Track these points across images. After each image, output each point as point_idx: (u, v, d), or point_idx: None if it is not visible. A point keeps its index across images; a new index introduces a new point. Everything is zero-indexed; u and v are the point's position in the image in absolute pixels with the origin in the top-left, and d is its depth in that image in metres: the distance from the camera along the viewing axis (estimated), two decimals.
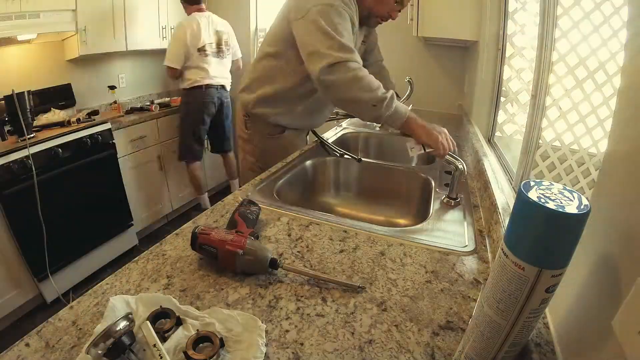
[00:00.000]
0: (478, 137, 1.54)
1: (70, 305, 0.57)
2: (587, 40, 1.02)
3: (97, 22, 2.34)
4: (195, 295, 0.61)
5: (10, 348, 0.48)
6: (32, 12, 1.95)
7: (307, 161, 1.33)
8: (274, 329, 0.54)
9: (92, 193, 2.16)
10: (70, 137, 2.00)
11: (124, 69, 2.88)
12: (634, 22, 0.38)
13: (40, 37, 2.20)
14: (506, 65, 1.62)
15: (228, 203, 0.97)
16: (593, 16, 1.00)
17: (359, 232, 0.82)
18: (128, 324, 0.46)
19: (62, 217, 1.99)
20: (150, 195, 2.66)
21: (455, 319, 0.57)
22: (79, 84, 2.51)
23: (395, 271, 0.69)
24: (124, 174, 2.36)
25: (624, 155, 0.40)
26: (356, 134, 1.85)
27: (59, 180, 1.95)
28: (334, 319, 0.56)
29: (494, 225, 0.79)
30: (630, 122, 0.39)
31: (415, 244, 0.78)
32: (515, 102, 1.57)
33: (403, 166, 1.32)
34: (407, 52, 2.64)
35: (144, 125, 2.48)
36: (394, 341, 0.52)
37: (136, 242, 2.56)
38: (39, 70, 2.28)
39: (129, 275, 0.65)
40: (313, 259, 0.72)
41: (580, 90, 1.06)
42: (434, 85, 2.63)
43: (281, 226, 0.85)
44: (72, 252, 2.07)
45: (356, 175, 1.38)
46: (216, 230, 0.67)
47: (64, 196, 1.99)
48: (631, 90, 0.40)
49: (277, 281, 0.65)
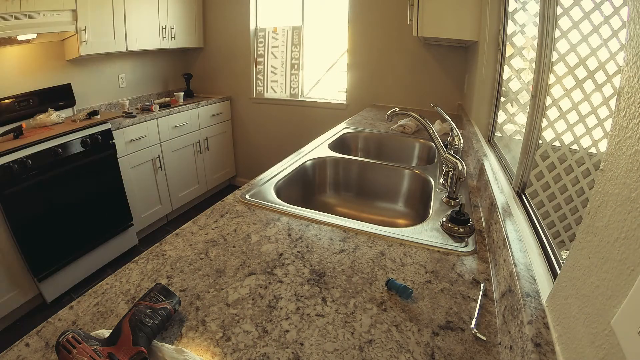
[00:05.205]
0: (478, 137, 1.54)
1: (70, 305, 0.57)
2: (587, 40, 1.02)
3: (97, 22, 2.34)
4: (195, 295, 0.61)
5: (10, 348, 0.48)
6: (32, 12, 1.95)
7: (307, 161, 1.33)
8: (274, 329, 0.54)
9: (92, 193, 2.16)
10: (70, 137, 2.00)
11: (124, 69, 2.88)
12: (633, 22, 0.38)
13: (40, 37, 2.20)
14: (506, 65, 1.62)
15: (228, 203, 0.97)
16: (593, 16, 1.00)
17: (359, 232, 0.82)
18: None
19: (62, 217, 1.98)
20: (150, 195, 2.65)
21: (455, 319, 0.57)
22: (79, 84, 2.51)
23: (395, 271, 0.69)
24: (124, 174, 2.36)
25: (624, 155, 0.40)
26: (356, 134, 1.85)
27: (58, 180, 1.95)
28: (334, 319, 0.56)
29: (494, 225, 0.79)
30: (631, 123, 0.39)
31: (415, 244, 0.78)
32: (515, 102, 1.57)
33: (403, 166, 1.32)
34: (407, 52, 2.64)
35: (144, 125, 2.48)
36: (394, 341, 0.52)
37: (136, 242, 2.56)
38: (39, 70, 2.28)
39: (129, 275, 0.65)
40: (313, 259, 0.72)
41: (580, 90, 1.06)
42: (434, 85, 2.63)
43: (281, 226, 0.85)
44: (72, 252, 2.07)
45: (356, 175, 1.38)
46: (86, 346, 0.46)
47: (64, 196, 1.99)
48: (631, 90, 0.40)
49: (277, 281, 0.65)
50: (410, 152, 1.78)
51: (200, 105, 2.95)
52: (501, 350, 0.51)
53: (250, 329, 0.54)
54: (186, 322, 0.56)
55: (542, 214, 1.10)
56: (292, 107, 3.15)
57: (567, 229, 1.10)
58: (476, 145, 1.39)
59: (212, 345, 0.52)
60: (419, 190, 1.25)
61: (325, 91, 3.14)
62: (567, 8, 1.03)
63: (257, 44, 3.19)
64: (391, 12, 2.60)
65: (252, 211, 0.93)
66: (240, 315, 0.57)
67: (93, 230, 2.20)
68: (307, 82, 3.15)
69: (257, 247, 0.76)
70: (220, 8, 3.14)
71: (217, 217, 0.89)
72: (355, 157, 1.44)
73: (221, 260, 0.71)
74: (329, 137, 1.69)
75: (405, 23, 2.21)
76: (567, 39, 1.06)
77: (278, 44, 3.11)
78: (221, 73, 3.35)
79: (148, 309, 0.53)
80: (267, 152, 3.38)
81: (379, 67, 2.77)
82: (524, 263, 0.59)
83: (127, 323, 0.51)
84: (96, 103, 2.67)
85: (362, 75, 2.84)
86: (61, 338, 0.46)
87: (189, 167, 2.95)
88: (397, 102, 2.79)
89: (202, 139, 3.03)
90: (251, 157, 3.51)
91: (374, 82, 2.82)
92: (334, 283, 0.65)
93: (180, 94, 2.98)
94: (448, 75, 2.58)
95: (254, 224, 0.86)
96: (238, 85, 3.31)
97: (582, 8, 1.01)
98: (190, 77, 3.23)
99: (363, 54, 2.79)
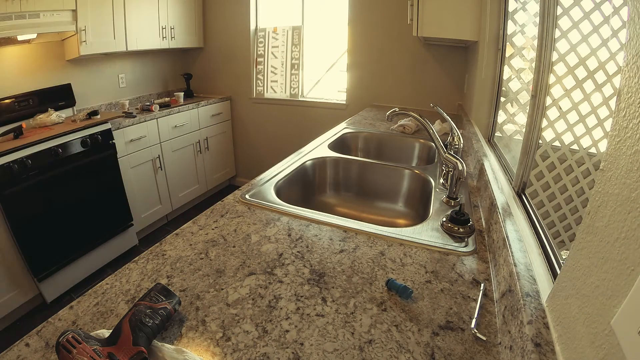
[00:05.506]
0: (478, 137, 1.54)
1: (70, 305, 0.57)
2: (587, 40, 1.02)
3: (97, 22, 2.34)
4: (195, 295, 0.61)
5: (10, 348, 0.48)
6: (32, 12, 1.95)
7: (307, 161, 1.33)
8: (274, 329, 0.54)
9: (92, 193, 2.16)
10: (70, 137, 2.00)
11: (124, 69, 2.88)
12: (633, 22, 0.38)
13: (40, 37, 2.20)
14: (506, 65, 1.62)
15: (228, 203, 0.97)
16: (593, 16, 1.00)
17: (359, 232, 0.82)
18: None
19: (62, 217, 1.98)
20: (150, 195, 2.65)
21: (455, 319, 0.57)
22: (79, 84, 2.51)
23: (395, 271, 0.69)
24: (124, 174, 2.36)
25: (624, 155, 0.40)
26: (356, 134, 1.85)
27: (58, 180, 1.95)
28: (334, 319, 0.56)
29: (494, 225, 0.79)
30: (631, 123, 0.39)
31: (415, 244, 0.78)
32: (515, 102, 1.57)
33: (403, 166, 1.32)
34: (407, 52, 2.64)
35: (144, 125, 2.48)
36: (394, 341, 0.52)
37: (136, 242, 2.56)
38: (39, 70, 2.28)
39: (129, 275, 0.65)
40: (313, 259, 0.72)
41: (580, 90, 1.06)
42: (434, 85, 2.63)
43: (281, 226, 0.85)
44: (72, 252, 2.07)
45: (356, 175, 1.38)
46: (86, 346, 0.46)
47: (64, 196, 1.99)
48: (631, 90, 0.40)
49: (277, 281, 0.65)
50: (410, 152, 1.78)
51: (200, 105, 2.95)
52: (501, 350, 0.51)
53: (250, 329, 0.54)
54: (186, 322, 0.56)
55: (542, 214, 1.10)
56: (292, 107, 3.15)
57: (567, 229, 1.10)
58: (476, 145, 1.39)
59: (212, 345, 0.52)
60: (419, 190, 1.25)
61: (325, 91, 3.14)
62: (567, 8, 1.03)
63: (257, 44, 3.19)
64: (391, 12, 2.60)
65: (252, 211, 0.93)
66: (240, 315, 0.57)
67: (93, 230, 2.20)
68: (307, 82, 3.15)
69: (257, 247, 0.76)
70: (220, 8, 3.14)
71: (217, 217, 0.89)
72: (355, 157, 1.44)
73: (221, 260, 0.71)
74: (329, 137, 1.69)
75: (405, 23, 2.22)
76: (567, 39, 1.06)
77: (278, 44, 3.11)
78: (221, 73, 3.35)
79: (148, 309, 0.53)
80: (267, 152, 3.38)
81: (379, 67, 2.77)
82: (524, 263, 0.59)
83: (127, 323, 0.51)
84: (96, 103, 2.67)
85: (362, 75, 2.84)
86: (61, 338, 0.46)
87: (189, 167, 2.95)
88: (397, 102, 2.79)
89: (202, 139, 3.03)
90: (251, 157, 3.51)
91: (374, 82, 2.82)
92: (334, 283, 0.65)
93: (180, 94, 2.98)
94: (448, 75, 2.58)
95: (254, 224, 0.86)
96: (238, 85, 3.31)
97: (582, 8, 1.01)
98: (190, 77, 3.23)
99: (363, 54, 2.79)
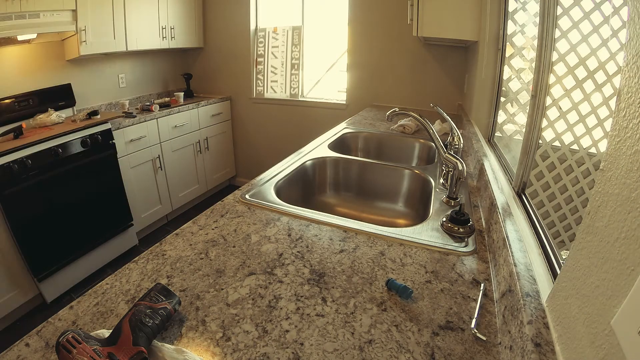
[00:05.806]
0: (478, 137, 1.54)
1: (70, 305, 0.57)
2: (587, 40, 1.02)
3: (97, 22, 2.34)
4: (195, 295, 0.61)
5: (10, 348, 0.48)
6: (32, 12, 1.95)
7: (307, 161, 1.33)
8: (274, 329, 0.54)
9: (92, 193, 2.16)
10: (70, 137, 2.00)
11: (124, 69, 2.88)
12: (633, 22, 0.38)
13: (40, 37, 2.20)
14: (506, 65, 1.62)
15: (228, 203, 0.97)
16: (593, 16, 1.00)
17: (359, 232, 0.82)
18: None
19: (62, 217, 1.98)
20: (150, 195, 2.65)
21: (455, 319, 0.57)
22: (79, 84, 2.51)
23: (395, 271, 0.69)
24: (124, 174, 2.36)
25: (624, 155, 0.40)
26: (356, 134, 1.85)
27: (58, 180, 1.95)
28: (334, 319, 0.56)
29: (494, 225, 0.79)
30: (631, 123, 0.39)
31: (415, 244, 0.78)
32: (515, 102, 1.57)
33: (403, 166, 1.32)
34: (407, 52, 2.64)
35: (144, 125, 2.48)
36: (394, 341, 0.52)
37: (136, 242, 2.56)
38: (39, 70, 2.28)
39: (129, 275, 0.65)
40: (313, 259, 0.72)
41: (580, 90, 1.06)
42: (434, 85, 2.63)
43: (281, 226, 0.85)
44: (72, 252, 2.07)
45: (356, 175, 1.38)
46: (86, 346, 0.46)
47: (64, 196, 1.99)
48: (631, 90, 0.40)
49: (277, 281, 0.65)
50: (410, 152, 1.78)
51: (200, 105, 2.95)
52: (501, 350, 0.51)
53: (250, 329, 0.54)
54: (186, 322, 0.56)
55: (542, 214, 1.10)
56: (292, 107, 3.15)
57: (567, 229, 1.10)
58: (476, 145, 1.39)
59: (212, 345, 0.52)
60: (419, 190, 1.25)
61: (325, 91, 3.14)
62: (567, 8, 1.03)
63: (257, 44, 3.19)
64: (391, 12, 2.60)
65: (252, 211, 0.93)
66: (240, 315, 0.57)
67: (93, 230, 2.20)
68: (307, 82, 3.15)
69: (257, 247, 0.76)
70: (220, 8, 3.14)
71: (217, 217, 0.89)
72: (355, 157, 1.44)
73: (221, 260, 0.71)
74: (329, 137, 1.69)
75: (405, 23, 2.21)
76: (567, 39, 1.06)
77: (278, 44, 3.11)
78: (221, 73, 3.35)
79: (148, 309, 0.53)
80: (267, 152, 3.38)
81: (379, 67, 2.77)
82: (524, 263, 0.59)
83: (127, 323, 0.51)
84: (96, 103, 2.67)
85: (362, 75, 2.84)
86: (61, 338, 0.46)
87: (189, 167, 2.95)
88: (397, 102, 2.79)
89: (202, 139, 3.03)
90: (251, 157, 3.51)
91: (374, 82, 2.82)
92: (334, 283, 0.65)
93: (180, 94, 2.98)
94: (448, 75, 2.58)
95: (254, 224, 0.86)
96: (238, 85, 3.31)
97: (582, 8, 1.01)
98: (190, 77, 3.23)
99: (363, 54, 2.79)
